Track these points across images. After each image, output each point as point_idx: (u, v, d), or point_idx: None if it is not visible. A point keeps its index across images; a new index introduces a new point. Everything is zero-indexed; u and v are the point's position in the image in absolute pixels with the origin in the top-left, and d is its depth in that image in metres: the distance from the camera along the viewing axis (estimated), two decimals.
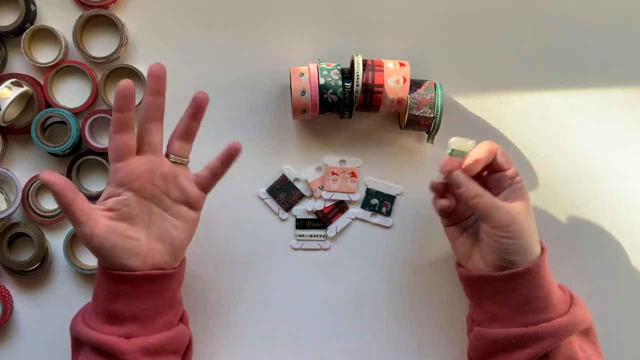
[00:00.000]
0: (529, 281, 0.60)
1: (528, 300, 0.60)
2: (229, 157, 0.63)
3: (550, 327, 0.59)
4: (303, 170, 0.73)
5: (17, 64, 0.71)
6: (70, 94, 0.71)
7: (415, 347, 0.73)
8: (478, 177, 0.63)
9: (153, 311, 0.60)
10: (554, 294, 0.61)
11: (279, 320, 0.72)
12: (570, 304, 0.61)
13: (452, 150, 0.62)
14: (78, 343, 0.62)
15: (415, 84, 0.68)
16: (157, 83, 0.60)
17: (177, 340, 0.62)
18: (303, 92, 0.67)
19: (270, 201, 0.72)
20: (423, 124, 0.68)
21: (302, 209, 0.72)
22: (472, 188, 0.61)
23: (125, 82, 0.57)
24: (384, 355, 0.73)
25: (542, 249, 0.62)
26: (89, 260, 0.72)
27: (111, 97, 0.71)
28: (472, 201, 0.61)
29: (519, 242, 0.60)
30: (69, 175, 0.70)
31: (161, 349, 0.60)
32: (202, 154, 0.72)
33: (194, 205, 0.62)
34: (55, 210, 0.70)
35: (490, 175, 0.64)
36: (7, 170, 0.69)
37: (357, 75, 0.67)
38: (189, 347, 0.65)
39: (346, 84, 0.67)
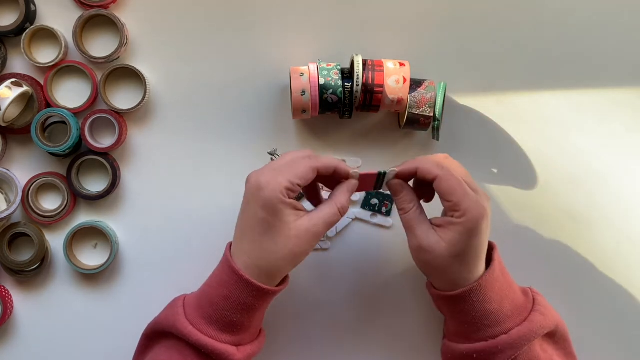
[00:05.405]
0: (476, 299, 0.60)
1: (482, 315, 0.60)
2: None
3: (509, 339, 0.59)
4: None
5: (17, 64, 0.71)
6: (70, 94, 0.71)
7: (416, 347, 0.72)
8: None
9: (259, 321, 0.63)
10: (508, 303, 0.60)
11: (279, 320, 0.72)
12: (530, 310, 0.61)
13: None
14: (159, 335, 0.62)
15: (415, 83, 0.68)
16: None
17: (262, 345, 0.65)
18: (303, 92, 0.67)
19: None
20: (423, 122, 0.68)
21: None
22: (402, 200, 0.62)
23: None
24: (384, 354, 0.73)
25: (492, 259, 0.61)
26: (89, 260, 0.72)
27: (111, 97, 0.71)
28: (399, 213, 0.62)
29: (433, 274, 0.62)
30: (69, 175, 0.70)
31: (254, 354, 0.63)
32: (202, 154, 0.73)
33: None
34: (55, 210, 0.70)
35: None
36: (7, 170, 0.69)
37: (357, 75, 0.67)
38: None
39: (346, 84, 0.67)
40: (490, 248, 0.63)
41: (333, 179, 0.62)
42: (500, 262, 0.62)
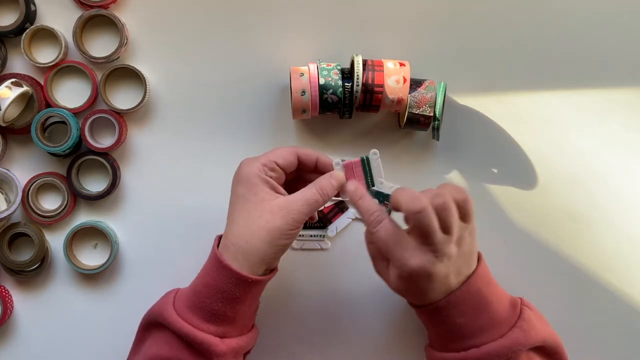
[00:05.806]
0: (447, 313, 0.59)
1: (455, 328, 0.59)
2: None
3: (479, 353, 0.58)
4: None
5: (17, 64, 0.71)
6: (70, 94, 0.71)
7: (415, 346, 0.72)
8: None
9: (247, 313, 0.62)
10: (485, 317, 0.59)
11: (279, 320, 0.72)
12: (512, 325, 0.59)
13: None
14: (152, 326, 0.61)
15: (415, 83, 0.68)
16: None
17: (252, 341, 0.64)
18: (303, 92, 0.67)
19: None
20: (423, 122, 0.68)
21: None
22: (364, 210, 0.60)
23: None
24: (384, 354, 0.73)
25: (474, 272, 0.59)
26: (89, 260, 0.72)
27: (111, 97, 0.71)
28: (367, 239, 0.61)
29: (418, 293, 0.59)
30: (69, 175, 0.70)
31: (242, 349, 0.62)
32: (202, 154, 0.73)
33: None
34: (55, 210, 0.70)
35: None
36: (7, 170, 0.69)
37: (357, 75, 0.67)
38: None
39: (346, 84, 0.67)
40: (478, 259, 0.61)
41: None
42: (485, 276, 0.60)
